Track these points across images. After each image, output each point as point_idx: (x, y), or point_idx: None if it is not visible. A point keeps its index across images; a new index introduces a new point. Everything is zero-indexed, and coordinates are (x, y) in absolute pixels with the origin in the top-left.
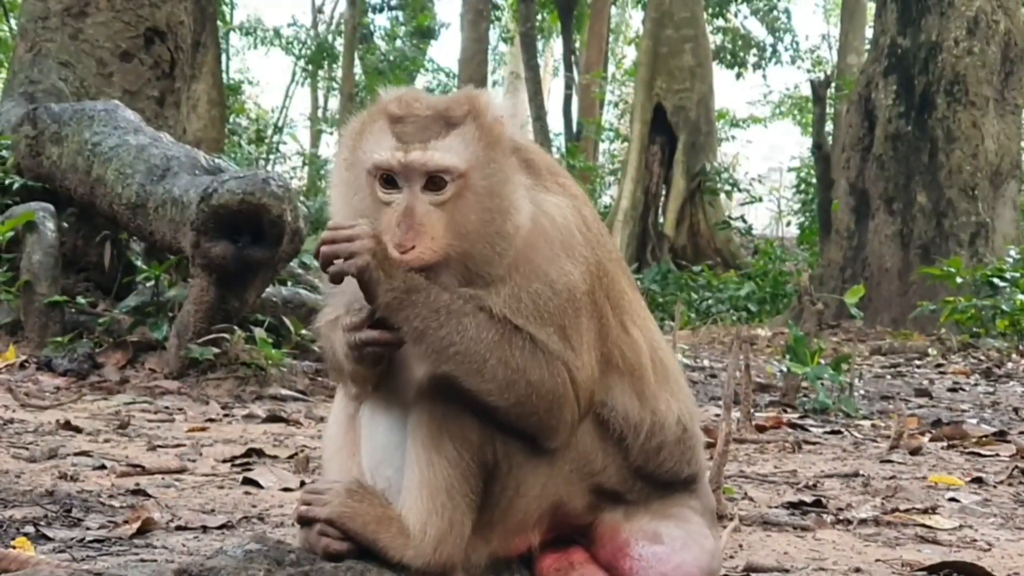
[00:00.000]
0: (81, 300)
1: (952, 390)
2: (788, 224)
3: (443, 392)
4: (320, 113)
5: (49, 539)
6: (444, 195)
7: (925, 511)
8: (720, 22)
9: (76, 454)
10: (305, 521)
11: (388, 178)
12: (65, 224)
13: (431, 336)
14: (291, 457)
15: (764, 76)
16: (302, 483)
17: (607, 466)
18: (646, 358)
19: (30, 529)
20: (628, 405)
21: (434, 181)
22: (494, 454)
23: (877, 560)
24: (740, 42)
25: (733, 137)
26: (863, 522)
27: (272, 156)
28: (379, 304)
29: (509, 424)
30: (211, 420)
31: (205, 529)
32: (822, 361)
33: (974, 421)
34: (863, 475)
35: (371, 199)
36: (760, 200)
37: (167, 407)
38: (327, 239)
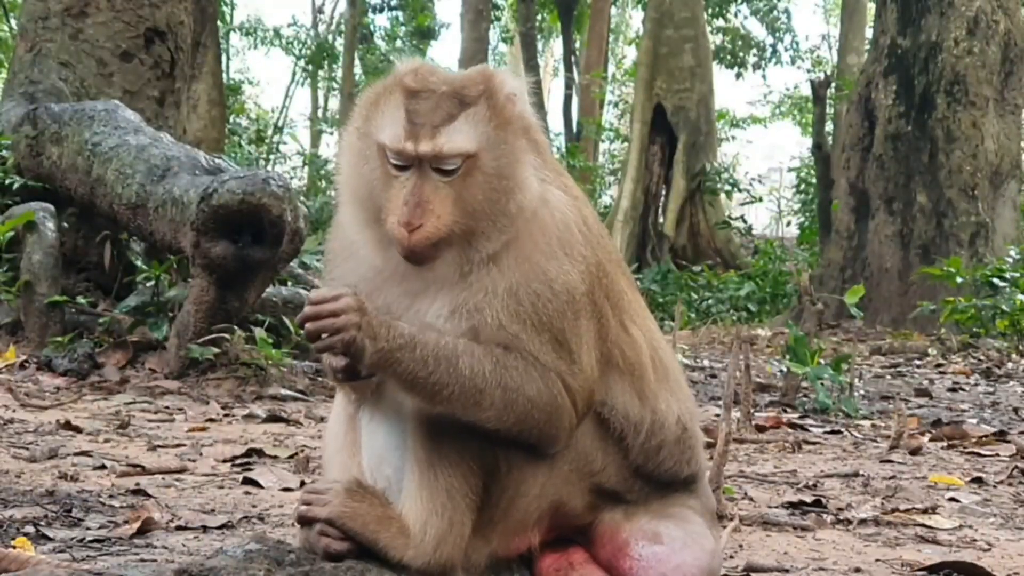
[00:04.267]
0: (81, 300)
1: (952, 390)
2: (788, 224)
3: None
4: (320, 113)
5: (49, 539)
6: (453, 175)
7: (925, 511)
8: (720, 22)
9: (76, 454)
10: (305, 521)
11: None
12: (65, 224)
13: (421, 384)
14: (291, 457)
15: (764, 76)
16: (302, 483)
17: (607, 466)
18: (646, 357)
19: (30, 529)
20: (628, 404)
21: (444, 163)
22: (494, 454)
23: (877, 560)
24: (740, 42)
25: (733, 137)
26: (863, 522)
27: (272, 156)
28: (365, 365)
29: (511, 439)
30: (211, 420)
31: (205, 529)
32: (822, 361)
33: (974, 421)
34: (863, 475)
35: (381, 171)
36: (760, 200)
37: (167, 407)
38: (311, 315)
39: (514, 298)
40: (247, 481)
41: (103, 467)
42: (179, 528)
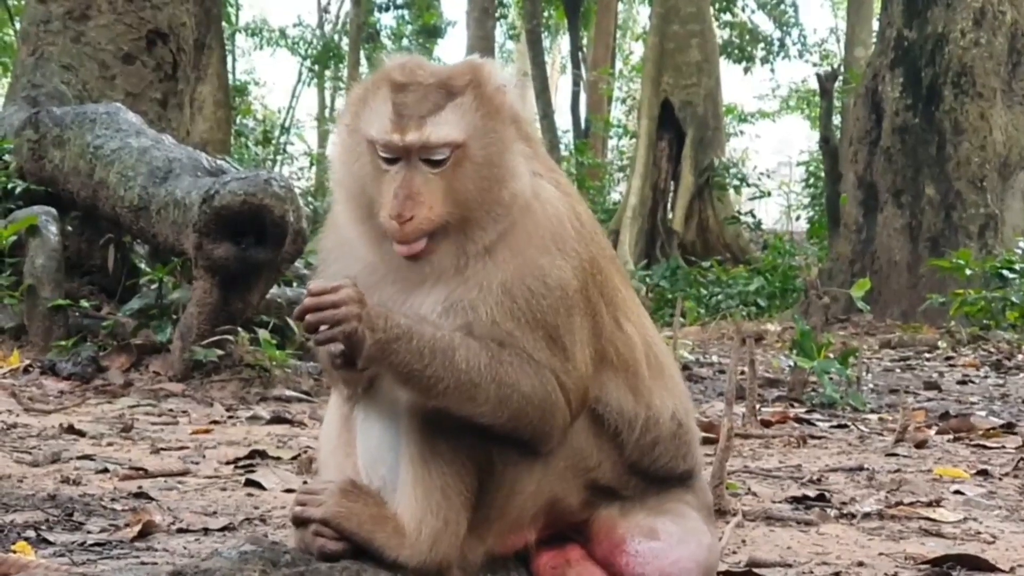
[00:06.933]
0: (85, 303)
1: (962, 383)
2: (798, 218)
3: None
4: (327, 113)
5: (50, 543)
6: (442, 166)
7: (929, 504)
8: (727, 17)
9: (79, 458)
10: (300, 522)
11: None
12: (68, 228)
13: (417, 377)
14: (295, 458)
15: (772, 70)
16: (305, 484)
17: (602, 462)
18: (640, 354)
19: (31, 533)
20: (622, 401)
21: (432, 154)
22: (488, 452)
23: (880, 554)
24: (747, 36)
25: (741, 132)
26: (867, 516)
27: (279, 157)
28: (362, 358)
29: (504, 436)
30: (215, 422)
31: (207, 531)
32: (830, 355)
33: (983, 413)
34: (868, 469)
35: (371, 166)
36: (769, 195)
37: (171, 409)
38: (311, 306)
39: (508, 295)
40: (250, 483)
41: (105, 471)
42: (180, 531)
